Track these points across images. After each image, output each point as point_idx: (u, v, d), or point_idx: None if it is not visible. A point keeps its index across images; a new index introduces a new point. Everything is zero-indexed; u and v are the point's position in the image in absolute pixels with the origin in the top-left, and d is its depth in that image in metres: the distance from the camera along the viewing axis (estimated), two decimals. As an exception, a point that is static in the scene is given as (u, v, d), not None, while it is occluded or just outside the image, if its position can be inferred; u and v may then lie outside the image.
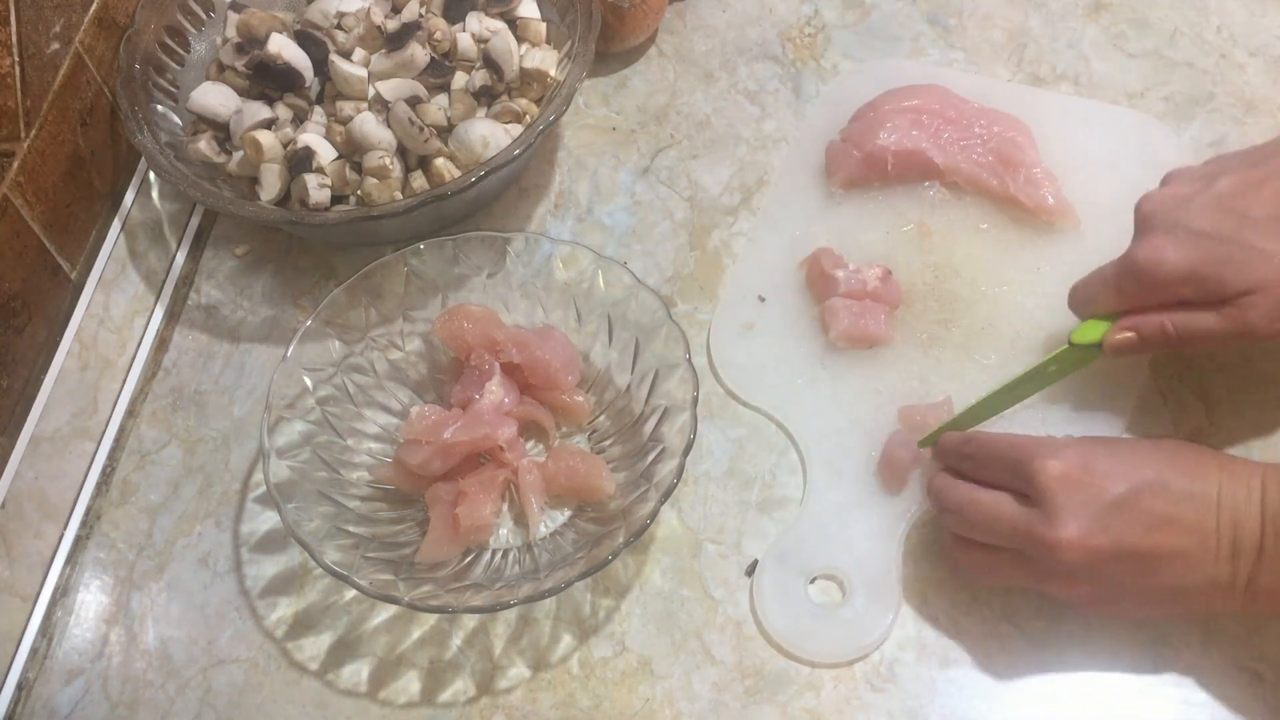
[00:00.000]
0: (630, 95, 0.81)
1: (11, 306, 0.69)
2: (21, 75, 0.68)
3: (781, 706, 0.58)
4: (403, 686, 0.60)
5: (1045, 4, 0.82)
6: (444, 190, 0.66)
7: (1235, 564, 0.52)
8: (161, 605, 0.64)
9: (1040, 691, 0.58)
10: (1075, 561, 0.52)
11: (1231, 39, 0.80)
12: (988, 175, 0.70)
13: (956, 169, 0.71)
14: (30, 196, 0.69)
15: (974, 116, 0.72)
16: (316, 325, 0.65)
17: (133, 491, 0.67)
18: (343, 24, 0.74)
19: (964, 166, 0.71)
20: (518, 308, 0.68)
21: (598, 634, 0.61)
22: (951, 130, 0.72)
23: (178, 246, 0.77)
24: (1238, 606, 0.53)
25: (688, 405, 0.60)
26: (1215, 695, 0.57)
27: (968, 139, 0.72)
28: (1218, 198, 0.57)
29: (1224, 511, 0.52)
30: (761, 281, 0.71)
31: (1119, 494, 0.52)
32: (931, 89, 0.73)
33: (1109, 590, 0.54)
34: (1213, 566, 0.52)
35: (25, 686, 0.62)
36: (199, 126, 0.73)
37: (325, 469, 0.62)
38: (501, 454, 0.63)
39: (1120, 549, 0.52)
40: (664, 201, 0.76)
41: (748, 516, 0.64)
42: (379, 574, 0.58)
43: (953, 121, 0.72)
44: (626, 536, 0.57)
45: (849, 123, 0.74)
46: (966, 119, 0.72)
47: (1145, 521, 0.52)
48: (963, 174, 0.71)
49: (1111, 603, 0.55)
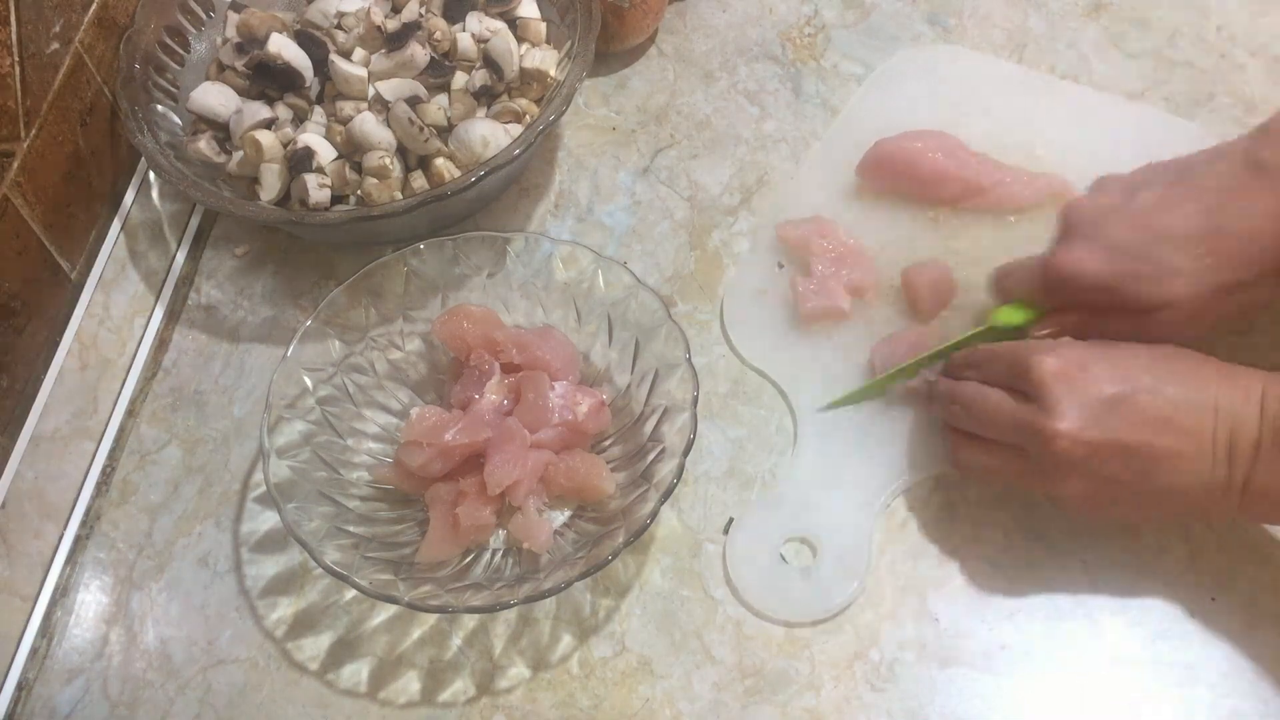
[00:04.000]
0: (630, 95, 0.81)
1: (11, 306, 0.69)
2: (21, 75, 0.68)
3: (781, 706, 0.58)
4: (403, 686, 0.60)
5: (1045, 4, 0.83)
6: (444, 190, 0.66)
7: (1231, 466, 0.53)
8: (161, 605, 0.64)
9: (1040, 692, 0.58)
10: (1070, 453, 0.53)
11: (1231, 39, 0.80)
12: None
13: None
14: (30, 196, 0.69)
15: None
16: (316, 325, 0.65)
17: (133, 491, 0.67)
18: (343, 24, 0.74)
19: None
20: (518, 308, 0.68)
21: (598, 634, 0.61)
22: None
23: (178, 246, 0.77)
24: (1232, 509, 0.54)
25: (688, 405, 0.60)
26: (1218, 694, 0.57)
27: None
28: (1138, 212, 0.58)
29: (1221, 415, 0.53)
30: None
31: (1115, 393, 0.54)
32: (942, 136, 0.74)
33: (1103, 489, 0.55)
34: (1209, 468, 0.53)
35: (25, 686, 0.62)
36: (199, 126, 0.73)
37: (325, 469, 0.62)
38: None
39: (1115, 444, 0.53)
40: (664, 201, 0.76)
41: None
42: (379, 574, 0.58)
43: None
44: (626, 536, 0.57)
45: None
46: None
47: (1140, 420, 0.53)
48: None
49: (1105, 503, 0.56)
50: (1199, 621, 0.59)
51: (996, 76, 0.79)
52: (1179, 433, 0.53)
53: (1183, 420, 0.53)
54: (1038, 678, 0.58)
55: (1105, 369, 0.55)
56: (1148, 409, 0.53)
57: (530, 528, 0.60)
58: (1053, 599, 0.60)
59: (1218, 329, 0.58)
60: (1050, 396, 0.54)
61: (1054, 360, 0.55)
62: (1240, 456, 0.52)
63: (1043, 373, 0.55)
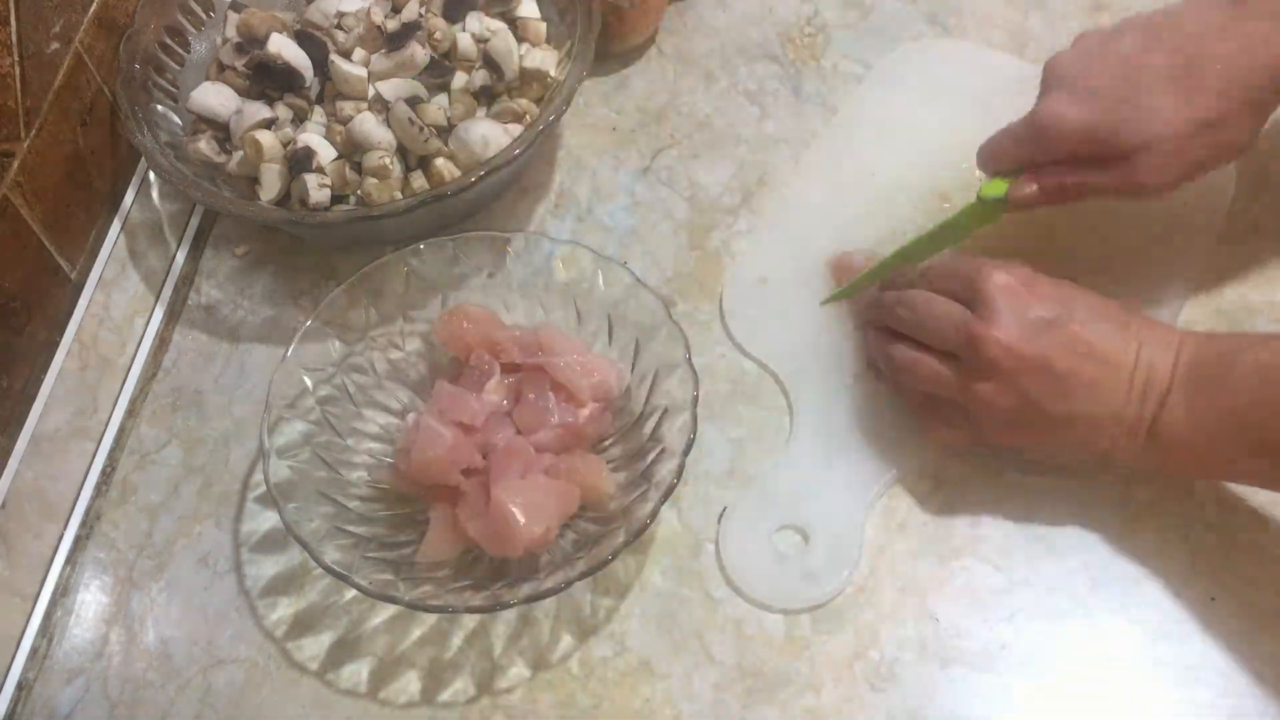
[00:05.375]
0: (630, 95, 0.81)
1: (11, 306, 0.69)
2: (21, 75, 0.68)
3: (781, 706, 0.58)
4: (403, 686, 0.60)
5: (1045, 4, 0.82)
6: (444, 190, 0.66)
7: (1143, 404, 0.55)
8: (161, 605, 0.64)
9: (1040, 692, 0.58)
10: (1000, 362, 0.56)
11: (1231, 39, 0.80)
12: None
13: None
14: (30, 196, 0.69)
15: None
16: (316, 325, 0.65)
17: (133, 491, 0.67)
18: (343, 24, 0.74)
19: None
20: (518, 308, 0.68)
21: (598, 634, 0.61)
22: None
23: (178, 246, 0.77)
24: (1136, 451, 0.56)
25: (688, 405, 0.60)
26: (1218, 694, 0.57)
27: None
28: (1117, 56, 0.59)
29: (1141, 356, 0.56)
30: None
31: (1052, 315, 0.56)
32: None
33: (1023, 406, 0.56)
34: (1123, 402, 0.55)
35: (25, 686, 0.62)
36: (199, 126, 0.73)
37: (325, 469, 0.62)
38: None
39: (1042, 362, 0.56)
40: (664, 201, 0.76)
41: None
42: (379, 574, 0.58)
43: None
44: (626, 536, 0.57)
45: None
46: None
47: (1069, 344, 0.56)
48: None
49: (1023, 426, 0.58)
50: (1199, 621, 0.59)
51: (996, 72, 0.79)
52: (1102, 363, 0.56)
53: (1108, 351, 0.56)
54: (1038, 678, 0.58)
55: (1049, 290, 0.57)
56: (1079, 335, 0.56)
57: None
58: (1053, 599, 0.60)
59: (1194, 176, 0.59)
60: (992, 306, 0.56)
61: (1003, 275, 0.57)
62: (1151, 397, 0.55)
63: (991, 284, 0.57)
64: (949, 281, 0.60)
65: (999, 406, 0.57)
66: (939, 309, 0.59)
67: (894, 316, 0.62)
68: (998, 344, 0.56)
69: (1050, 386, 0.56)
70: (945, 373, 0.59)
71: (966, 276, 0.59)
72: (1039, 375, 0.56)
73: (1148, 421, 0.55)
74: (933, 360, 0.60)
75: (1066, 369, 0.55)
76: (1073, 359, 0.56)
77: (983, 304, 0.57)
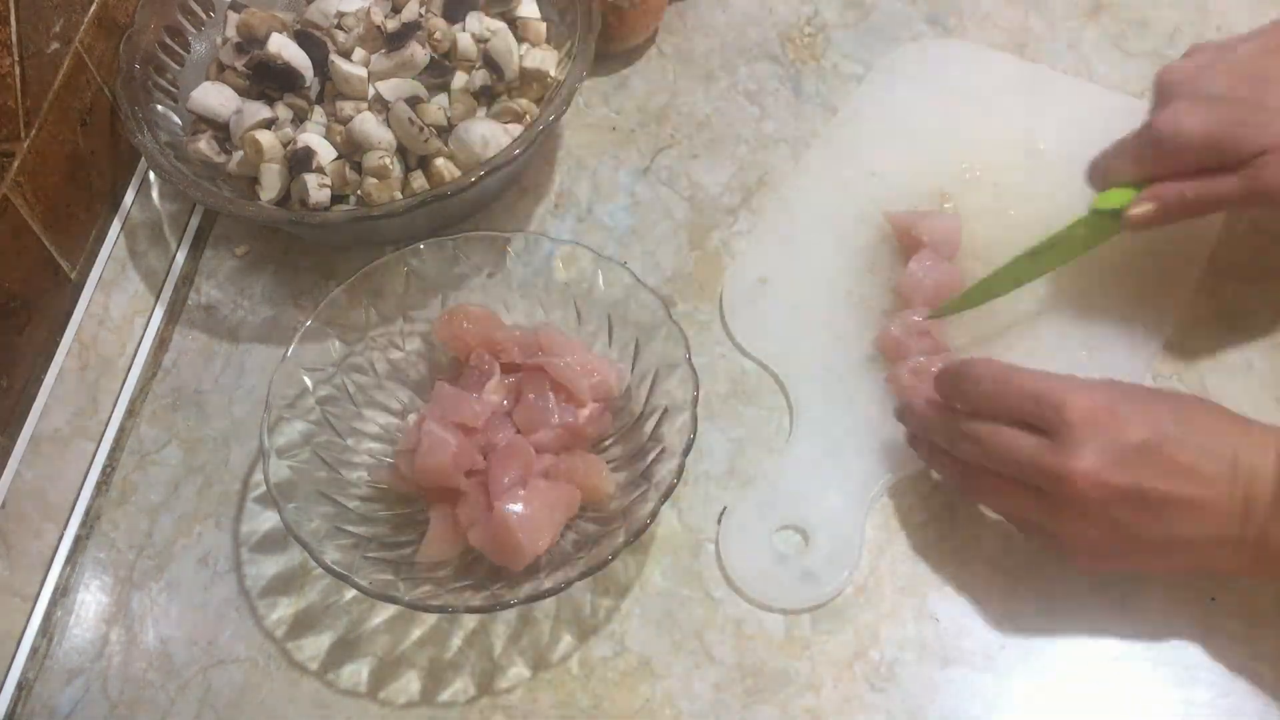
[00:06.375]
0: (630, 95, 0.81)
1: (11, 306, 0.69)
2: (21, 75, 0.68)
3: (781, 706, 0.58)
4: (403, 686, 0.60)
5: (1045, 4, 0.82)
6: (444, 190, 0.66)
7: (1246, 521, 0.52)
8: (161, 605, 0.64)
9: (1040, 693, 0.58)
10: (1089, 496, 0.52)
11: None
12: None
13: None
14: (30, 196, 0.69)
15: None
16: (316, 325, 0.65)
17: (133, 491, 0.67)
18: (343, 24, 0.74)
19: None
20: (518, 308, 0.68)
21: (598, 634, 0.61)
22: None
23: (178, 246, 0.77)
24: (1244, 565, 0.53)
25: (688, 405, 0.60)
26: (1218, 694, 0.57)
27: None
28: (1236, 63, 0.58)
29: (1240, 468, 0.52)
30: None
31: (1141, 439, 0.52)
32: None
33: (1116, 536, 0.53)
34: (1225, 520, 0.52)
35: (25, 686, 0.62)
36: (199, 126, 0.73)
37: (325, 469, 0.62)
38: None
39: (1135, 490, 0.51)
40: (664, 201, 0.76)
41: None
42: (379, 574, 0.58)
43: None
44: (626, 536, 0.57)
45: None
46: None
47: (1164, 468, 0.52)
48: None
49: (1114, 552, 0.54)
50: (1199, 621, 0.59)
51: (996, 71, 0.79)
52: (1200, 482, 0.52)
53: (1204, 468, 0.52)
54: (1038, 678, 0.58)
55: (1134, 411, 0.53)
56: (1173, 457, 0.52)
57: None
58: (1053, 599, 0.60)
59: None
60: (1076, 437, 0.52)
61: (1084, 398, 0.53)
62: (1256, 512, 0.51)
63: (1074, 412, 0.52)
64: (1022, 404, 0.54)
65: (1090, 539, 0.54)
66: (1008, 442, 0.54)
67: (960, 450, 0.57)
68: (1085, 478, 0.51)
69: (1145, 513, 0.52)
70: (1028, 504, 0.55)
71: (1042, 399, 0.53)
72: (1132, 504, 0.52)
73: (1252, 537, 0.52)
74: (1015, 491, 0.55)
75: (1163, 495, 0.51)
76: (1170, 482, 0.51)
77: (1064, 434, 0.52)
